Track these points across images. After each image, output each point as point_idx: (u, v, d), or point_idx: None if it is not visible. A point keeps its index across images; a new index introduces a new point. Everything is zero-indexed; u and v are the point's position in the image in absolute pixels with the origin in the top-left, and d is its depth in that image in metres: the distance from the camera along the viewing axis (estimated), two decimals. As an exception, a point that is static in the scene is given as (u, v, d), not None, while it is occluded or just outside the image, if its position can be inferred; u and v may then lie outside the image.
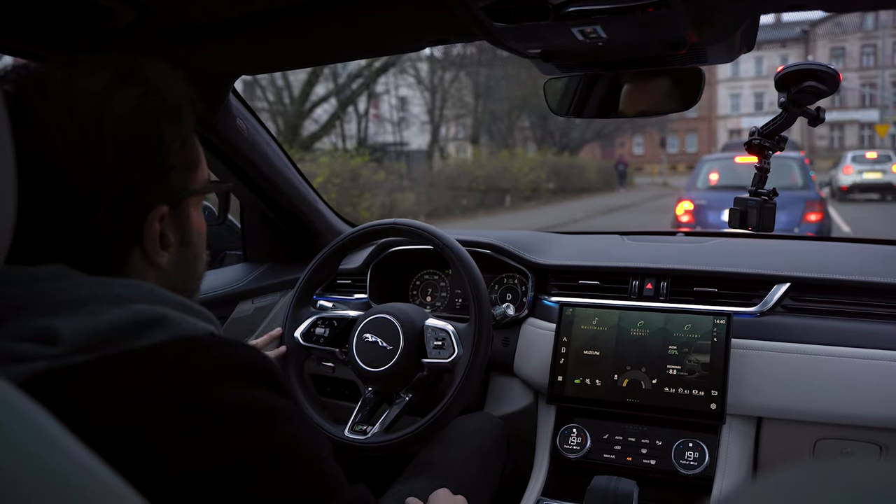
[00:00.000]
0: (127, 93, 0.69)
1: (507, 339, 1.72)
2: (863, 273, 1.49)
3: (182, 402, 0.61)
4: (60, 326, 0.62)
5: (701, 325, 1.50)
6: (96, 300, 0.65)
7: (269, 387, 0.67)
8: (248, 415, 0.64)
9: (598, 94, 1.41)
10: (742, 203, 1.38)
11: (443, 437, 1.44)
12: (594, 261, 1.70)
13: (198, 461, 0.60)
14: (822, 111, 1.27)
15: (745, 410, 1.46)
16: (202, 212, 0.83)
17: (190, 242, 0.78)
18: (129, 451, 0.58)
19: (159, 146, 0.71)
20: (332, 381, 1.87)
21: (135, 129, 0.69)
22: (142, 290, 0.69)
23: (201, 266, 0.83)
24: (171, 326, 0.67)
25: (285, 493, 0.62)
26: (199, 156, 0.79)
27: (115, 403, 0.60)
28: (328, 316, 1.59)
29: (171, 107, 0.72)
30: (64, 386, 0.60)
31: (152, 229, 0.72)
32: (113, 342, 0.63)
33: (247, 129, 1.70)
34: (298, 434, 0.67)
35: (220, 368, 0.65)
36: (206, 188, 0.80)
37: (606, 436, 1.54)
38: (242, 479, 0.61)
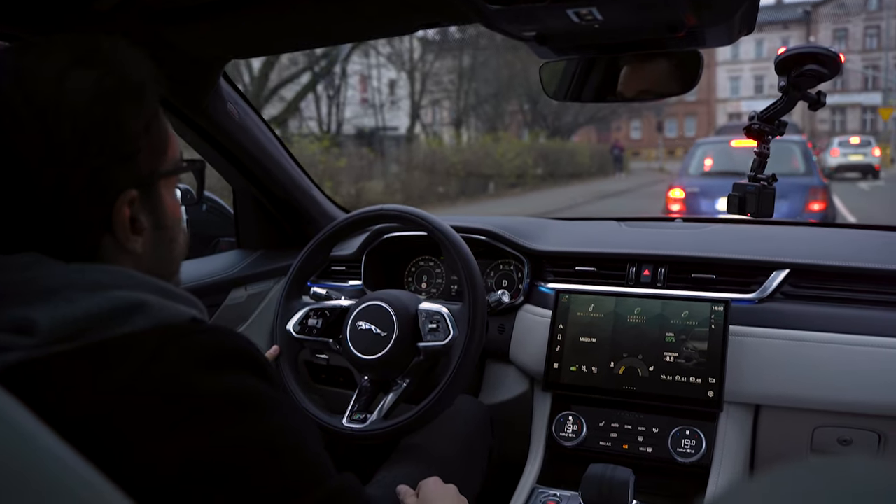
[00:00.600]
0: (83, 75, 0.67)
1: (502, 325, 1.70)
2: (863, 259, 1.47)
3: (164, 394, 0.60)
4: (37, 316, 0.61)
5: (699, 311, 1.48)
6: (72, 287, 0.64)
7: (254, 373, 0.66)
8: (233, 403, 0.63)
9: (596, 78, 1.39)
10: (741, 188, 1.36)
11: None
12: (591, 247, 1.68)
13: (182, 452, 0.59)
14: (822, 95, 1.24)
15: (743, 398, 1.45)
16: (177, 193, 0.81)
17: (164, 226, 0.76)
18: (109, 444, 0.57)
19: (122, 129, 0.68)
20: (328, 370, 1.86)
21: (94, 112, 0.66)
22: (120, 276, 0.67)
23: (179, 249, 0.81)
24: (151, 313, 0.65)
25: (271, 482, 0.62)
26: (167, 136, 0.76)
27: (94, 395, 0.59)
28: (320, 307, 1.57)
29: (132, 87, 0.70)
30: (41, 377, 0.59)
31: (121, 215, 0.69)
32: (92, 330, 0.62)
33: (238, 113, 1.67)
34: (285, 422, 0.66)
35: (202, 356, 0.64)
36: (177, 169, 0.78)
37: (602, 423, 1.53)
38: (227, 468, 0.60)
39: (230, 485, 0.59)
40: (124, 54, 0.71)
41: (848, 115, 43.97)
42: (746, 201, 1.35)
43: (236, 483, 0.60)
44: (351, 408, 1.48)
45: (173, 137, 0.78)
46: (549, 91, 1.45)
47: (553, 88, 1.45)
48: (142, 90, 0.71)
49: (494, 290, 1.75)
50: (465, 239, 1.48)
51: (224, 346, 0.66)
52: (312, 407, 1.49)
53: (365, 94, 24.47)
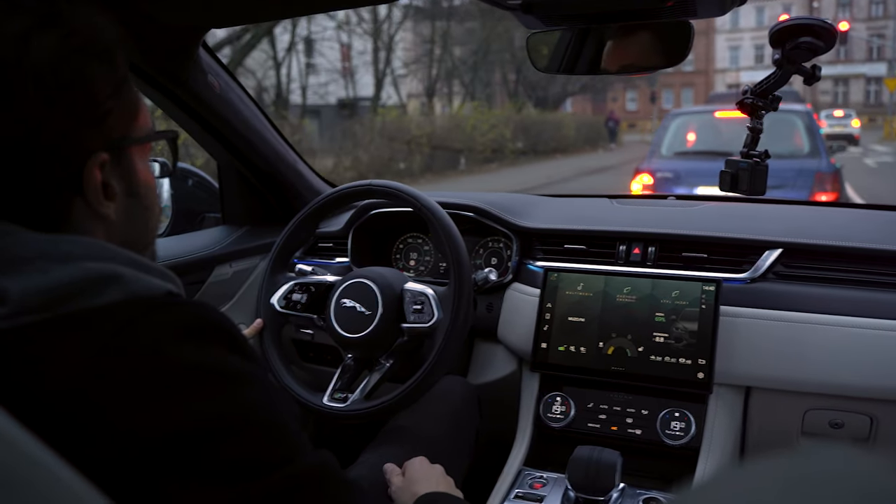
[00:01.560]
0: (46, 36, 0.64)
1: (490, 304, 1.68)
2: (857, 239, 1.44)
3: (137, 364, 0.59)
4: (7, 285, 0.60)
5: (689, 291, 1.45)
6: (44, 258, 0.63)
7: (228, 347, 0.65)
8: (206, 376, 0.62)
9: (589, 50, 1.35)
10: (733, 165, 1.33)
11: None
12: (580, 224, 1.65)
13: (154, 423, 0.58)
14: (818, 69, 1.20)
15: (734, 380, 1.42)
16: (152, 164, 0.80)
17: (137, 193, 0.74)
18: (81, 415, 0.57)
19: (90, 90, 0.66)
20: (315, 347, 1.83)
21: (60, 72, 0.64)
22: (93, 248, 0.66)
23: (153, 219, 0.79)
24: (124, 285, 0.64)
25: (244, 456, 0.61)
26: (138, 102, 0.74)
27: (66, 366, 0.58)
28: (305, 282, 1.54)
29: (100, 49, 0.68)
30: (12, 348, 0.59)
31: (92, 178, 0.67)
32: (64, 302, 0.61)
33: (219, 85, 1.63)
34: (259, 397, 0.65)
35: (177, 328, 0.63)
36: (148, 136, 0.76)
37: (591, 405, 1.50)
38: (199, 441, 0.59)
39: (201, 457, 0.59)
40: (89, 16, 0.69)
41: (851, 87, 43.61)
42: (739, 178, 1.31)
43: (207, 455, 0.59)
44: (333, 386, 1.46)
45: (143, 105, 0.76)
46: (538, 63, 1.41)
47: (544, 61, 1.40)
48: (110, 52, 0.69)
49: (482, 268, 1.73)
50: (452, 216, 1.46)
51: (198, 319, 0.65)
52: (294, 383, 1.48)
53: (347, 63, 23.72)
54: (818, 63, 1.24)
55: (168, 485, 0.57)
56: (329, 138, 16.95)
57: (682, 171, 6.63)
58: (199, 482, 0.58)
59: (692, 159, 6.92)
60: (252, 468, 0.61)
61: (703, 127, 7.37)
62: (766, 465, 0.30)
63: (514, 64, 26.41)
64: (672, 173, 6.67)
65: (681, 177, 6.53)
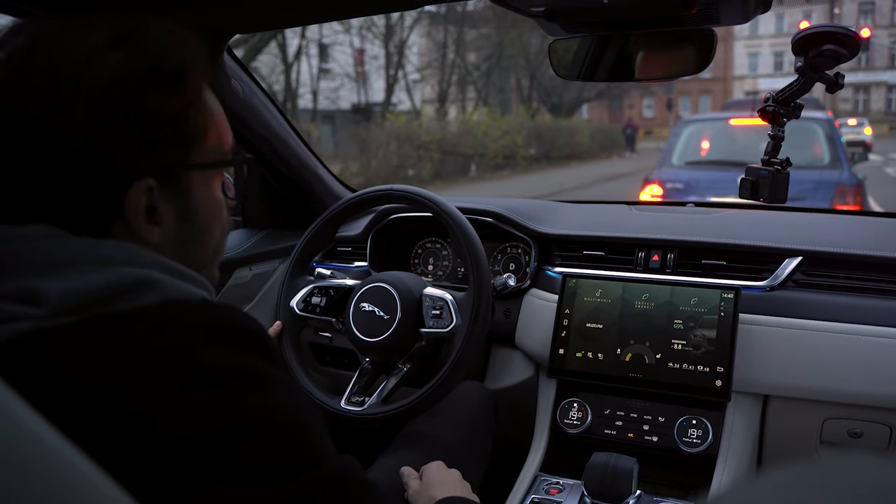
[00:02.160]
0: (110, 56, 0.66)
1: (508, 309, 1.68)
2: (877, 247, 1.43)
3: (168, 366, 0.60)
4: (46, 287, 0.62)
5: (708, 298, 1.45)
6: (84, 261, 0.64)
7: (258, 353, 0.66)
8: (236, 379, 0.63)
9: (609, 57, 1.35)
10: (754, 173, 1.32)
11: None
12: (599, 231, 1.65)
13: (182, 424, 0.59)
14: (840, 77, 1.20)
15: (752, 388, 1.42)
16: (219, 187, 0.78)
17: (193, 219, 0.74)
18: (112, 414, 0.57)
19: (141, 116, 0.66)
20: (332, 351, 1.85)
21: (112, 95, 0.65)
22: (131, 253, 0.67)
23: (212, 242, 0.78)
24: (161, 290, 0.65)
25: (270, 459, 0.61)
26: (206, 127, 0.73)
27: (100, 364, 0.59)
28: (325, 285, 1.55)
29: (163, 74, 0.68)
30: (48, 347, 0.60)
31: (135, 203, 0.68)
32: (100, 304, 0.62)
33: (242, 90, 1.65)
34: (287, 401, 0.66)
35: (209, 331, 0.64)
36: (210, 164, 0.75)
37: (608, 411, 1.50)
38: (228, 442, 0.60)
39: (228, 459, 0.59)
40: (161, 39, 0.69)
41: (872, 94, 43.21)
42: (759, 186, 1.31)
43: (234, 457, 0.60)
44: (350, 389, 1.47)
45: (215, 128, 0.75)
46: (559, 70, 1.41)
47: (564, 67, 1.41)
48: (173, 77, 0.69)
49: (501, 274, 1.73)
50: (471, 221, 1.46)
51: (231, 323, 0.66)
52: (312, 386, 1.49)
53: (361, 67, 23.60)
54: (840, 70, 1.24)
55: (194, 486, 0.58)
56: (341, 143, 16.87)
57: (693, 182, 6.27)
58: (225, 484, 0.59)
59: (705, 169, 6.58)
60: (278, 471, 0.61)
61: (718, 135, 7.02)
62: (790, 474, 0.29)
63: (528, 70, 26.31)
64: (683, 184, 6.31)
65: (692, 188, 6.10)
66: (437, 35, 24.69)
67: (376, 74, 23.68)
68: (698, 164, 6.80)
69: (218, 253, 0.81)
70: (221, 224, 0.80)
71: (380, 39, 21.98)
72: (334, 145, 19.05)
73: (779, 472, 0.30)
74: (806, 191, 5.49)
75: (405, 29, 22.22)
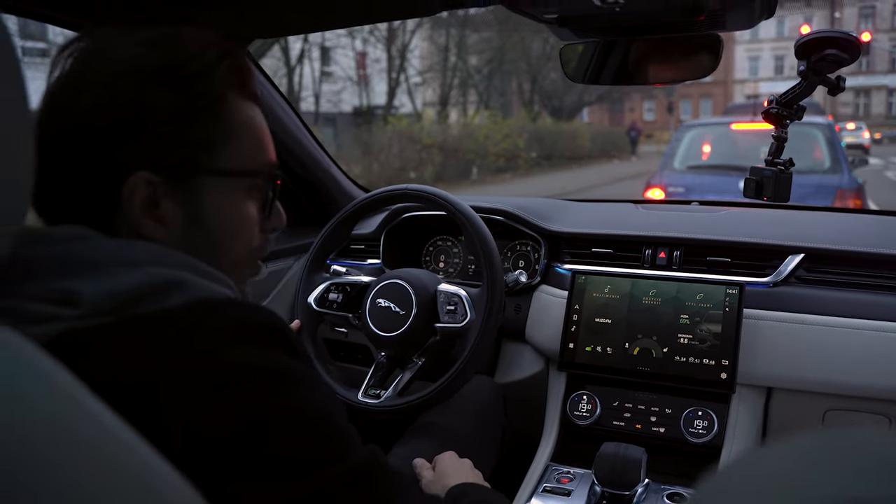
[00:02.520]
0: (127, 50, 0.69)
1: (519, 305, 1.73)
2: (878, 245, 1.48)
3: (201, 364, 0.62)
4: (81, 288, 0.63)
5: (713, 294, 1.49)
6: (113, 263, 0.66)
7: (284, 349, 0.68)
8: (266, 376, 0.65)
9: (614, 61, 1.39)
10: (758, 172, 1.37)
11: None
12: (607, 229, 1.70)
13: (215, 421, 0.61)
14: (842, 80, 1.25)
15: (756, 380, 1.46)
16: (257, 203, 0.78)
17: (205, 225, 0.74)
18: (147, 412, 0.59)
19: (144, 107, 0.69)
20: (346, 346, 1.89)
21: (118, 84, 0.68)
22: (158, 253, 0.69)
23: (226, 254, 0.77)
24: (188, 290, 0.67)
25: (300, 454, 0.63)
26: (228, 134, 0.74)
27: (134, 365, 0.61)
28: (341, 282, 1.60)
29: (177, 72, 0.70)
30: (83, 347, 0.61)
31: (132, 193, 0.70)
32: (131, 304, 0.64)
33: (261, 91, 1.69)
34: (314, 396, 0.68)
35: (238, 330, 0.65)
36: (231, 171, 0.75)
37: (616, 403, 1.55)
38: (258, 439, 0.62)
39: (258, 455, 0.61)
40: (189, 42, 0.72)
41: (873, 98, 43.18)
42: (763, 185, 1.36)
43: (264, 453, 0.61)
44: (366, 383, 1.51)
45: (247, 141, 0.76)
46: (568, 73, 1.46)
47: (572, 70, 1.45)
48: (190, 78, 0.71)
49: (512, 271, 1.77)
50: (482, 219, 1.50)
51: (257, 321, 0.67)
52: (330, 380, 1.53)
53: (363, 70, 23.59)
54: (841, 74, 1.28)
55: (226, 483, 0.60)
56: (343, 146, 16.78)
57: (695, 186, 6.34)
58: (256, 480, 0.61)
59: (706, 173, 6.66)
60: (307, 465, 0.63)
61: (719, 140, 7.09)
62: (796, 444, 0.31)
63: (529, 73, 26.28)
64: (684, 188, 6.38)
65: (693, 192, 6.12)
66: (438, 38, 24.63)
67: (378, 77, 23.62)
68: (700, 168, 6.88)
69: (239, 268, 0.79)
70: (245, 240, 0.78)
71: (382, 43, 21.98)
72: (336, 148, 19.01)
73: (785, 442, 0.32)
74: (806, 195, 5.57)
75: (407, 32, 22.19)
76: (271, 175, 0.80)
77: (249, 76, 0.78)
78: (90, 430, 0.42)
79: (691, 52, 1.28)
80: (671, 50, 1.33)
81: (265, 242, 0.83)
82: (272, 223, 0.83)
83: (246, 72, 0.77)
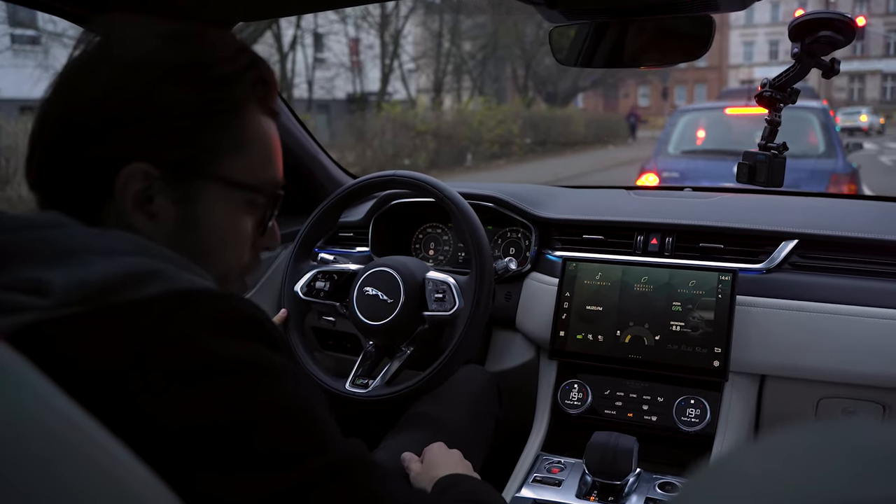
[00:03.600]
0: (146, 44, 0.68)
1: (509, 293, 1.71)
2: (872, 230, 1.46)
3: (173, 356, 0.60)
4: (52, 277, 0.61)
5: (706, 281, 1.48)
6: (88, 251, 0.64)
7: (263, 341, 0.66)
8: (244, 368, 0.63)
9: (607, 43, 1.37)
10: (751, 157, 1.35)
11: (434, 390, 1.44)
12: (598, 215, 1.67)
13: (188, 414, 0.59)
14: (836, 62, 1.22)
15: (749, 368, 1.45)
16: (254, 221, 0.77)
17: (196, 228, 0.73)
18: (118, 405, 0.57)
19: (154, 101, 0.68)
20: (335, 335, 1.87)
21: (132, 76, 0.67)
22: (137, 244, 0.67)
23: (214, 265, 0.75)
24: (166, 280, 0.65)
25: (279, 447, 0.62)
26: (237, 144, 0.73)
27: (105, 355, 0.59)
28: (328, 270, 1.57)
29: (196, 73, 0.69)
30: (53, 338, 0.60)
31: (126, 183, 0.68)
32: (105, 294, 0.62)
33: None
34: (291, 389, 0.66)
35: (215, 321, 0.63)
36: (233, 182, 0.73)
37: (608, 392, 1.53)
38: (235, 432, 0.60)
39: (235, 448, 0.60)
40: (214, 46, 0.71)
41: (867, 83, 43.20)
42: (757, 170, 1.34)
43: (241, 446, 0.60)
44: (354, 372, 1.49)
45: (256, 155, 0.74)
46: (558, 56, 1.43)
47: (563, 53, 1.43)
48: (209, 81, 0.70)
49: (502, 258, 1.75)
50: (472, 206, 1.48)
51: (235, 312, 0.65)
52: (317, 370, 1.51)
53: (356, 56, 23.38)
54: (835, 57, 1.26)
55: (201, 475, 0.58)
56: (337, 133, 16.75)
57: (689, 171, 6.37)
58: (232, 473, 0.59)
59: (700, 158, 6.66)
60: (285, 458, 0.62)
61: (713, 124, 7.09)
62: (792, 435, 0.30)
63: (523, 59, 26.22)
64: (679, 173, 6.40)
65: (688, 177, 6.20)
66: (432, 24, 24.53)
67: (371, 64, 23.52)
68: (694, 153, 6.87)
69: (228, 280, 0.78)
70: (235, 254, 0.77)
71: (375, 29, 21.87)
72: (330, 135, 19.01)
73: (782, 433, 0.30)
74: (801, 179, 5.58)
75: (400, 18, 22.10)
76: (274, 193, 0.79)
77: (273, 91, 0.77)
78: (55, 422, 0.41)
79: (683, 34, 1.26)
80: (663, 32, 1.31)
81: (255, 259, 0.82)
82: (265, 241, 0.82)
83: (270, 86, 0.76)
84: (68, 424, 0.41)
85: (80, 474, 0.39)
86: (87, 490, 0.39)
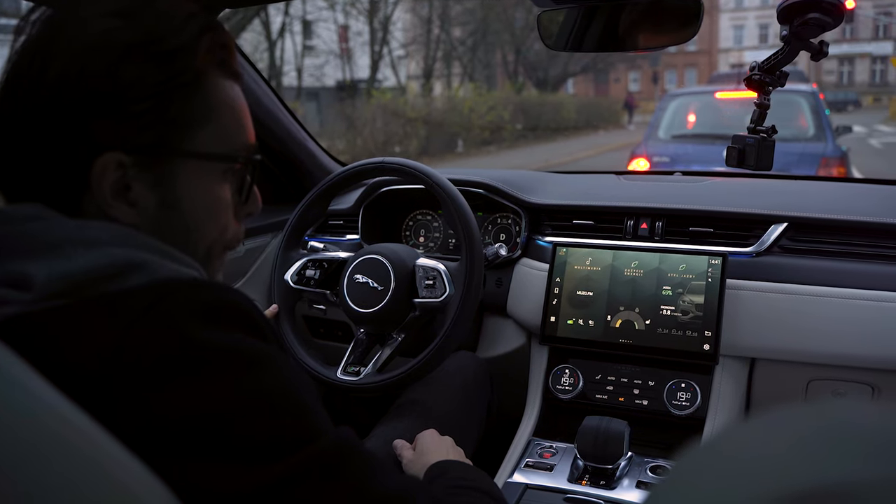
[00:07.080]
0: (100, 23, 0.65)
1: (500, 279, 1.70)
2: (861, 213, 1.46)
3: (159, 346, 0.60)
4: (34, 271, 0.61)
5: (696, 265, 1.48)
6: (70, 243, 0.63)
7: (250, 331, 0.66)
8: (228, 358, 0.62)
9: (596, 27, 1.36)
10: (740, 140, 1.34)
11: (426, 377, 1.44)
12: (588, 200, 1.67)
13: (175, 404, 0.59)
14: (825, 45, 1.22)
15: (739, 351, 1.45)
16: (233, 187, 0.75)
17: (178, 208, 0.71)
18: (105, 396, 0.57)
19: (117, 84, 0.65)
20: (326, 323, 1.86)
21: (87, 61, 0.65)
22: (120, 234, 0.66)
23: (201, 239, 0.74)
24: (150, 270, 0.64)
25: (266, 437, 0.61)
26: (205, 115, 0.70)
27: (89, 348, 0.59)
28: (318, 258, 1.57)
29: (154, 48, 0.66)
30: (37, 331, 0.59)
31: (102, 175, 0.67)
32: (88, 286, 0.61)
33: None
34: (280, 378, 0.65)
35: (198, 310, 0.63)
36: (208, 154, 0.72)
37: (599, 376, 1.54)
38: (221, 422, 0.60)
39: (223, 438, 0.59)
40: (167, 16, 0.68)
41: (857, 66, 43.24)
42: (746, 154, 1.33)
43: (229, 436, 0.60)
44: (345, 360, 1.49)
45: (227, 122, 0.73)
46: (547, 41, 1.42)
47: (552, 39, 1.42)
48: (167, 55, 0.67)
49: (492, 244, 1.75)
50: (462, 192, 1.48)
51: (220, 300, 0.65)
52: (308, 358, 1.51)
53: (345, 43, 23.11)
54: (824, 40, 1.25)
55: (190, 466, 0.58)
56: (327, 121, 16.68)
57: (680, 155, 6.42)
58: (221, 463, 0.59)
59: (691, 142, 6.68)
60: (274, 448, 0.61)
61: (704, 109, 7.08)
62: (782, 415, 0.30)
63: (513, 44, 26.12)
64: (669, 157, 6.43)
65: (678, 161, 6.27)
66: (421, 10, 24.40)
67: (361, 51, 23.37)
68: (684, 137, 6.88)
69: (213, 253, 0.77)
70: (220, 225, 0.76)
71: (364, 15, 21.75)
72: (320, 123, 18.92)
73: (771, 414, 0.31)
74: (790, 163, 5.62)
75: (389, 4, 21.96)
76: (250, 158, 0.77)
77: (231, 52, 0.74)
78: (43, 414, 0.41)
79: (672, 17, 1.25)
80: (652, 16, 1.30)
81: (240, 228, 0.80)
82: (247, 208, 0.80)
83: (228, 48, 0.73)
84: (56, 416, 0.41)
85: (70, 465, 0.39)
86: (77, 481, 0.40)
